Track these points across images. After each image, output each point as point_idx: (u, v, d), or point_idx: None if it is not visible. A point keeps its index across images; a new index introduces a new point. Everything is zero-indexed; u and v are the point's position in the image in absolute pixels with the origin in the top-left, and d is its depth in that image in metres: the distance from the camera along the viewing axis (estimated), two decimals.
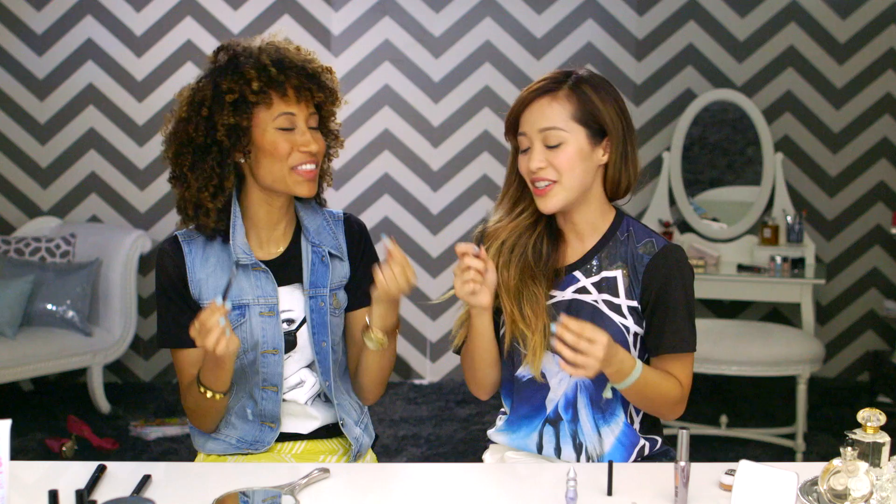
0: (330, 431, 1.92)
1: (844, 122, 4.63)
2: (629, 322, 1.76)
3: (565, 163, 1.72)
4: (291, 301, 1.86)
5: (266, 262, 1.85)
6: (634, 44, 4.67)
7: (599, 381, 1.77)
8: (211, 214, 1.80)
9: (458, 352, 1.89)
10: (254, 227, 1.86)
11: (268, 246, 1.88)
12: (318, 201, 1.94)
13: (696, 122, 4.56)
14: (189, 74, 4.58)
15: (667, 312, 1.74)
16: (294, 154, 1.78)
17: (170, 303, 1.85)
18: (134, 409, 4.25)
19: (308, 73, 1.79)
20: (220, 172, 1.78)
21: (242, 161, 1.79)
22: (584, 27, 4.65)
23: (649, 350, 1.78)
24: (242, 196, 1.85)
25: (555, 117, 1.73)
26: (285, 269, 1.86)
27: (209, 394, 1.75)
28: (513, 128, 1.79)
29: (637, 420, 1.81)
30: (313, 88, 1.79)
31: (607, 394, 1.77)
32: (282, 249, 1.88)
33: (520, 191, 1.83)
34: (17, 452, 3.54)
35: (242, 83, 1.75)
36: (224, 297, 1.65)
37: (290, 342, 1.84)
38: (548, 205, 1.75)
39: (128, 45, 4.59)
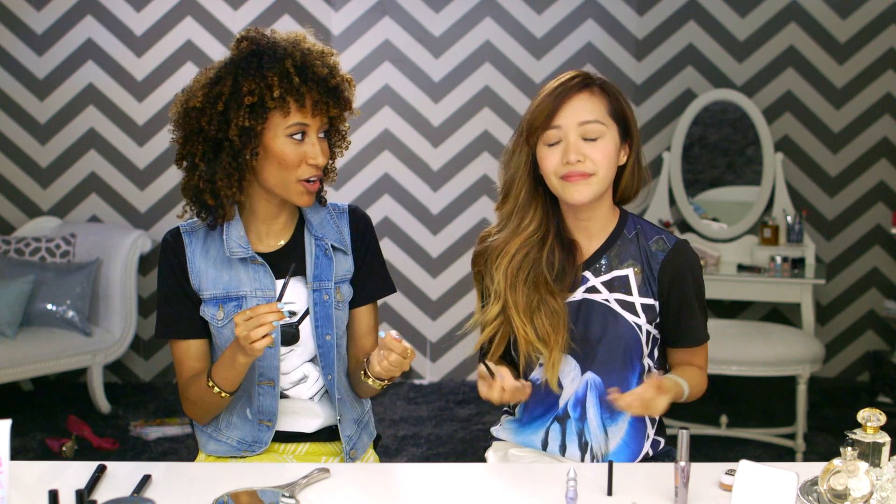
0: (332, 434, 1.91)
1: (844, 122, 4.63)
2: (642, 321, 1.76)
3: (603, 156, 1.73)
4: (293, 294, 1.84)
5: (266, 255, 1.85)
6: (634, 44, 4.66)
7: (609, 379, 1.78)
8: (226, 205, 1.79)
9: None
10: (253, 221, 1.86)
11: (267, 239, 1.87)
12: (318, 201, 1.92)
13: (696, 122, 4.56)
14: (189, 74, 4.59)
15: (684, 307, 1.79)
16: (302, 167, 1.76)
17: (171, 293, 1.84)
18: (134, 409, 4.25)
19: (329, 87, 1.76)
20: (237, 167, 1.76)
21: (248, 158, 1.77)
22: (584, 27, 4.65)
23: (668, 342, 1.82)
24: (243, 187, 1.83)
25: (595, 111, 1.73)
26: (286, 262, 1.83)
27: (216, 389, 1.75)
28: (544, 124, 1.74)
29: (654, 423, 1.83)
30: (331, 103, 1.76)
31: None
32: (282, 242, 1.87)
33: (528, 199, 1.80)
34: (17, 452, 3.55)
35: (263, 87, 1.72)
36: (279, 299, 1.66)
37: (293, 335, 1.82)
38: (582, 194, 1.73)
39: (128, 45, 4.59)
